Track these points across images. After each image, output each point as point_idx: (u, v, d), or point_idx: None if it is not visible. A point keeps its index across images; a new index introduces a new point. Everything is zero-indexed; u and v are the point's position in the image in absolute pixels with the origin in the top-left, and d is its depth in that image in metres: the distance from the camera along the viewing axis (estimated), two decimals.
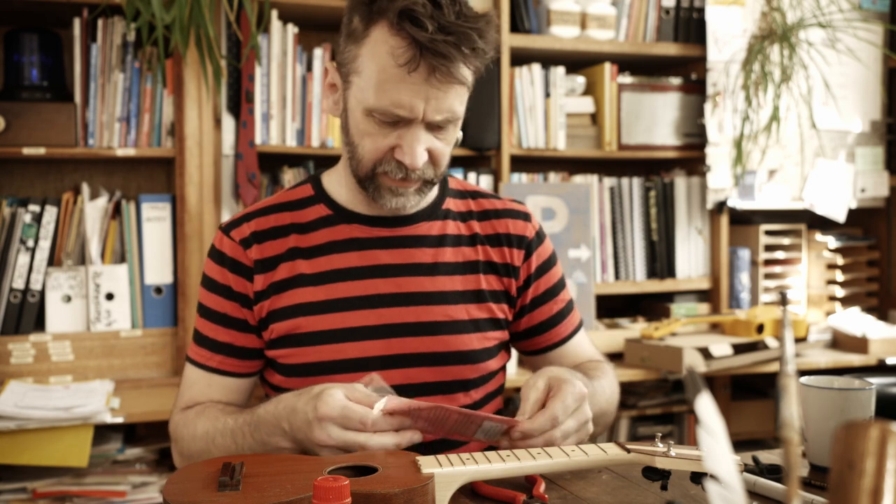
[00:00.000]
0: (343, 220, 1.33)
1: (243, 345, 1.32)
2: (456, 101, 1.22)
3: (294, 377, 1.31)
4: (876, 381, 1.26)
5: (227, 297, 1.31)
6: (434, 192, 1.38)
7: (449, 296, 1.32)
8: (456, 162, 2.56)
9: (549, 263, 1.43)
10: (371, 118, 1.21)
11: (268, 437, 1.16)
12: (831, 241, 2.88)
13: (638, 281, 2.72)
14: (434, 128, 1.23)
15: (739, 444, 2.58)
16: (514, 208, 1.43)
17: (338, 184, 1.36)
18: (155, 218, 2.26)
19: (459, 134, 1.31)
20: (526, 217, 1.42)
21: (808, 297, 2.92)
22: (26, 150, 2.14)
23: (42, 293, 2.18)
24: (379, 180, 1.25)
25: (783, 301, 0.64)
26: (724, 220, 2.77)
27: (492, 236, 1.38)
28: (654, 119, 2.71)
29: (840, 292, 2.89)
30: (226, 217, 2.27)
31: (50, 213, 2.18)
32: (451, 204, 1.39)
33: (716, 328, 2.73)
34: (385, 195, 1.26)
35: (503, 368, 1.43)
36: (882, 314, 2.94)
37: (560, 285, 1.45)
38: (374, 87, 1.19)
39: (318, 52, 2.37)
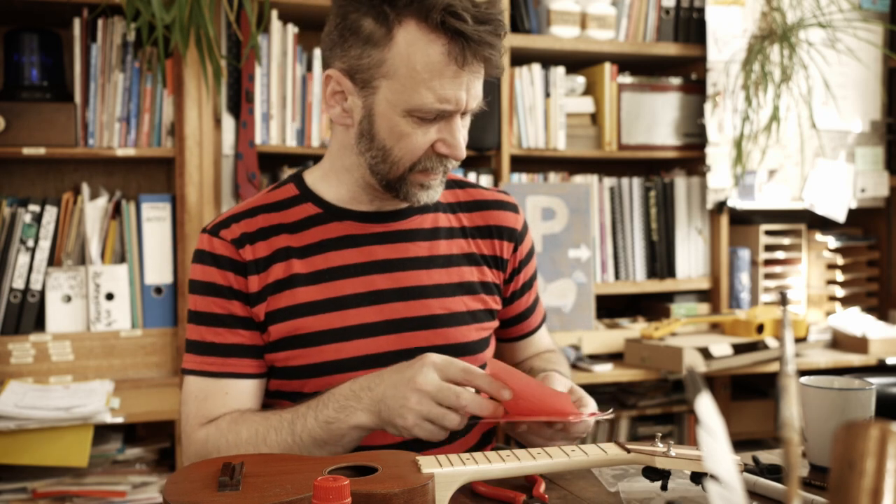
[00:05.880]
0: (334, 218, 1.32)
1: (255, 342, 1.28)
2: (481, 86, 1.25)
3: (294, 379, 1.28)
4: (876, 381, 1.26)
5: (229, 297, 1.27)
6: None
7: (446, 288, 1.33)
8: None
9: (530, 256, 1.46)
10: (410, 118, 1.21)
11: (338, 412, 1.15)
12: (831, 241, 2.88)
13: (638, 281, 2.72)
14: (464, 116, 1.26)
15: (739, 444, 2.58)
16: (503, 199, 1.44)
17: (326, 183, 1.34)
18: (155, 218, 2.26)
19: None
20: (514, 209, 1.44)
21: (808, 297, 2.92)
22: (26, 150, 2.14)
23: (42, 293, 2.18)
24: (411, 178, 1.26)
25: (783, 301, 0.64)
26: (724, 220, 2.77)
27: (482, 228, 1.39)
28: (654, 119, 2.71)
29: (840, 292, 2.89)
30: None
31: (50, 213, 2.18)
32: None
33: (716, 328, 2.73)
34: (416, 192, 1.27)
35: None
36: (882, 314, 2.94)
37: (534, 277, 1.48)
38: (415, 86, 1.19)
39: (317, 53, 2.37)
